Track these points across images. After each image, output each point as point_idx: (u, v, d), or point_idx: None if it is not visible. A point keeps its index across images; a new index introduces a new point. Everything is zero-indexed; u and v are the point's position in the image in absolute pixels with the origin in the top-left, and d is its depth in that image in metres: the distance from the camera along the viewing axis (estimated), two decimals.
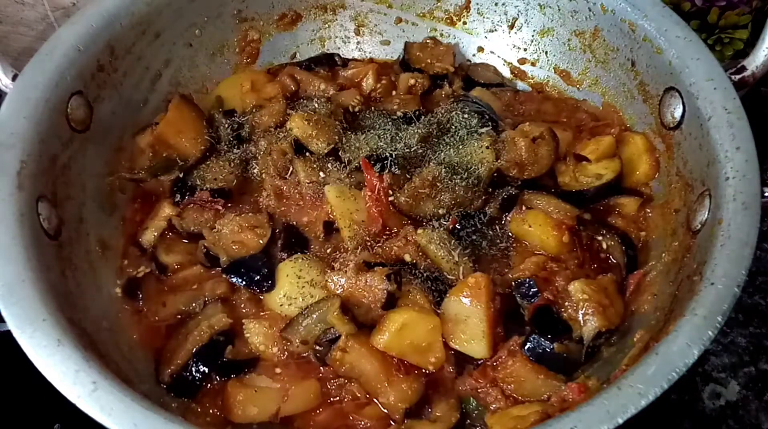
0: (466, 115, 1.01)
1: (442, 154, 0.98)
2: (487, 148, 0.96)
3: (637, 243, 0.93)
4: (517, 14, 1.14)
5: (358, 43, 1.21)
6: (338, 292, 0.86)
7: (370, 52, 1.22)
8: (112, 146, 0.97)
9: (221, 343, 0.85)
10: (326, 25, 1.20)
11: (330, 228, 0.93)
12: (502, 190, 0.96)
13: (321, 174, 0.96)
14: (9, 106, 0.82)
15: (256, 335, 0.86)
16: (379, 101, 1.13)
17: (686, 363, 0.65)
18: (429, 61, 1.16)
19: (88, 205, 0.91)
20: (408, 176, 0.95)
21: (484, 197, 0.95)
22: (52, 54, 0.87)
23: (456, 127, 1.01)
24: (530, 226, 0.93)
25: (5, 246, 0.73)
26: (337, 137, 0.99)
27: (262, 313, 0.89)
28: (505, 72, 1.18)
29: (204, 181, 0.98)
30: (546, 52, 1.14)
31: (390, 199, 0.92)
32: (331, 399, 0.83)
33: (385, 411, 0.81)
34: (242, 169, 1.00)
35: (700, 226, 0.81)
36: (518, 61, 1.17)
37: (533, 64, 1.16)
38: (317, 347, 0.83)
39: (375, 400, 0.82)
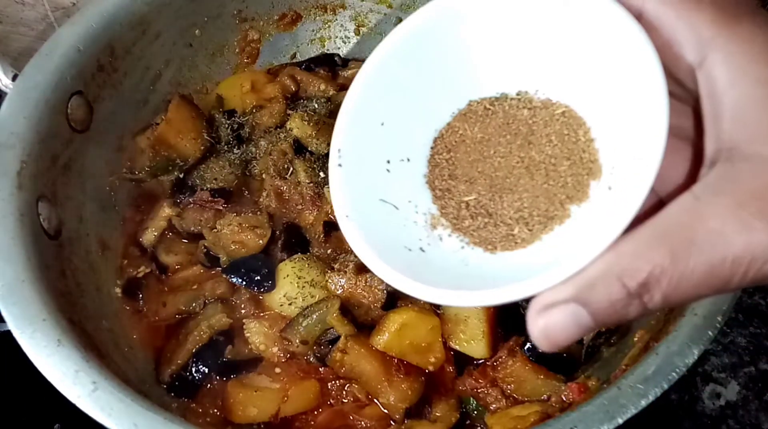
0: None
1: None
2: None
3: None
4: None
5: (358, 43, 1.21)
6: (338, 292, 0.86)
7: (370, 52, 1.21)
8: (112, 146, 0.97)
9: (221, 343, 0.86)
10: (326, 25, 1.20)
11: (330, 228, 0.93)
12: None
13: (321, 174, 0.96)
14: (9, 106, 0.82)
15: (257, 335, 0.86)
16: None
17: (686, 363, 0.65)
18: None
19: (88, 205, 0.91)
20: None
21: None
22: (52, 54, 0.87)
23: None
24: None
25: (5, 246, 0.73)
26: None
27: (262, 313, 0.89)
28: None
29: (204, 181, 0.98)
30: None
31: None
32: (332, 400, 0.83)
33: (385, 411, 0.81)
34: (242, 170, 1.00)
35: None
36: None
37: None
38: (317, 347, 0.83)
39: (375, 400, 0.82)
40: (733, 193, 0.38)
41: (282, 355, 0.85)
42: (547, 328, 0.41)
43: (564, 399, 0.78)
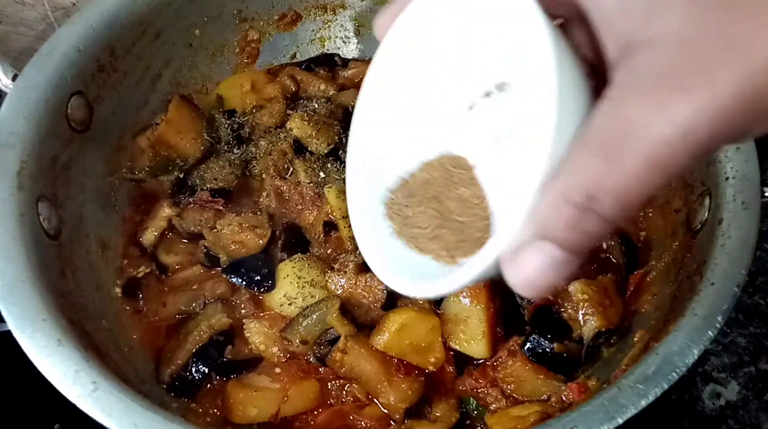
0: None
1: None
2: None
3: (637, 243, 0.93)
4: None
5: (358, 43, 1.21)
6: (338, 292, 0.86)
7: (370, 52, 1.22)
8: (112, 146, 0.97)
9: (221, 343, 0.86)
10: (326, 25, 1.20)
11: (330, 228, 0.93)
12: None
13: (321, 174, 0.96)
14: (9, 106, 0.82)
15: (257, 335, 0.86)
16: None
17: (686, 363, 0.65)
18: None
19: (88, 205, 0.91)
20: None
21: None
22: (52, 54, 0.87)
23: None
24: None
25: (5, 246, 0.73)
26: (337, 137, 0.99)
27: (262, 313, 0.89)
28: None
29: (204, 181, 0.98)
30: None
31: None
32: (332, 400, 0.83)
33: (385, 411, 0.81)
34: (242, 170, 1.00)
35: (700, 226, 0.81)
36: None
37: None
38: (317, 347, 0.83)
39: (375, 400, 0.82)
40: (640, 81, 0.39)
41: (282, 355, 0.85)
42: (526, 276, 0.42)
43: (564, 399, 0.78)
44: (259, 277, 0.88)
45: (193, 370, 0.84)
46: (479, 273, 0.45)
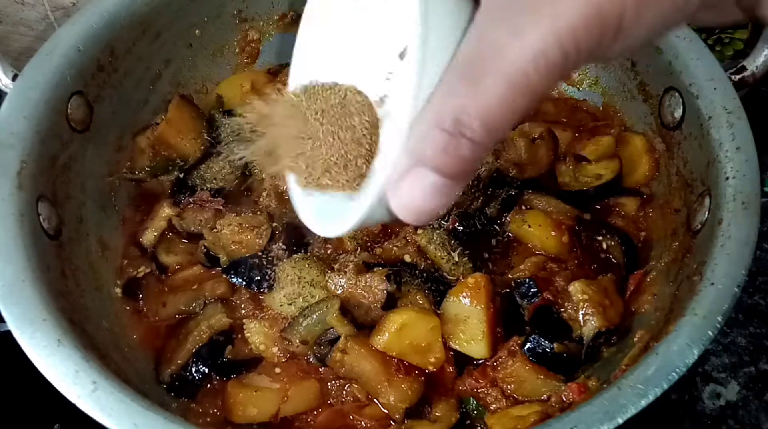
0: None
1: None
2: None
3: (637, 243, 0.93)
4: None
5: None
6: (338, 292, 0.86)
7: None
8: (112, 146, 0.97)
9: (221, 343, 0.86)
10: None
11: None
12: (501, 191, 0.96)
13: None
14: (9, 106, 0.82)
15: (257, 335, 0.86)
16: None
17: (686, 363, 0.65)
18: None
19: (88, 205, 0.91)
20: None
21: (483, 198, 0.95)
22: (52, 54, 0.87)
23: None
24: (530, 227, 0.93)
25: (5, 246, 0.73)
26: None
27: (262, 314, 0.89)
28: None
29: (204, 181, 0.98)
30: None
31: None
32: (332, 400, 0.83)
33: (385, 411, 0.81)
34: (242, 170, 1.00)
35: (700, 226, 0.81)
36: None
37: None
38: (317, 347, 0.83)
39: (375, 400, 0.82)
40: (498, 6, 0.40)
41: (282, 355, 0.85)
42: (408, 202, 0.43)
43: (564, 399, 0.78)
44: (259, 277, 0.88)
45: (193, 370, 0.84)
46: (368, 207, 0.47)
